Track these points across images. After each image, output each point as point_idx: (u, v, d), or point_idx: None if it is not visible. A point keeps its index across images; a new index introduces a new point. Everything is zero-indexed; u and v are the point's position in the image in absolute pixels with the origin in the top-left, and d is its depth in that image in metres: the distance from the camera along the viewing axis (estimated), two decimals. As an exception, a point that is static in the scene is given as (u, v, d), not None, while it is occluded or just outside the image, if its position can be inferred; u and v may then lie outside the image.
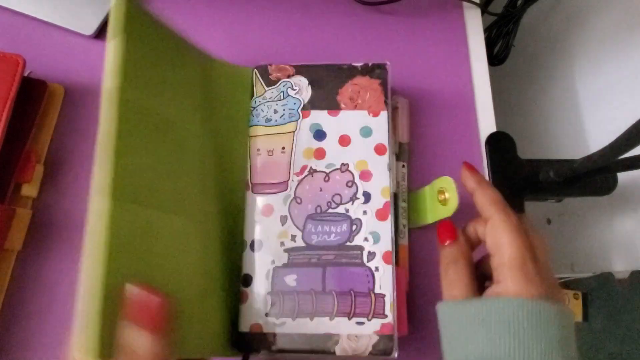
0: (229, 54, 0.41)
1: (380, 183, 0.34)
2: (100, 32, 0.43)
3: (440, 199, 0.34)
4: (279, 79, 0.37)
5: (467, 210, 0.41)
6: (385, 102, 0.37)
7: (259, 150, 0.36)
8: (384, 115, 0.36)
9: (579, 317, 1.16)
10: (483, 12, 0.51)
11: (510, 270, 0.25)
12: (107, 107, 0.25)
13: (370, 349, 0.31)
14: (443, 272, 0.30)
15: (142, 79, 0.28)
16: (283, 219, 0.34)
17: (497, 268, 0.26)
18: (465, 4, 0.50)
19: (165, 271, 0.26)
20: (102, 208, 0.23)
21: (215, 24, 0.46)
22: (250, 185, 0.35)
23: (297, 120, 0.36)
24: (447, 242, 0.30)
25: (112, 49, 0.26)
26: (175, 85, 0.32)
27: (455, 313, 0.27)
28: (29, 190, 0.36)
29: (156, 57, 0.30)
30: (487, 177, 0.43)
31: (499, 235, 0.27)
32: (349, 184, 0.35)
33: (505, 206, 0.28)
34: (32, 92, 0.38)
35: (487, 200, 0.29)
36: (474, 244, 0.31)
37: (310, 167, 0.35)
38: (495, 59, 0.64)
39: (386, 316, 0.32)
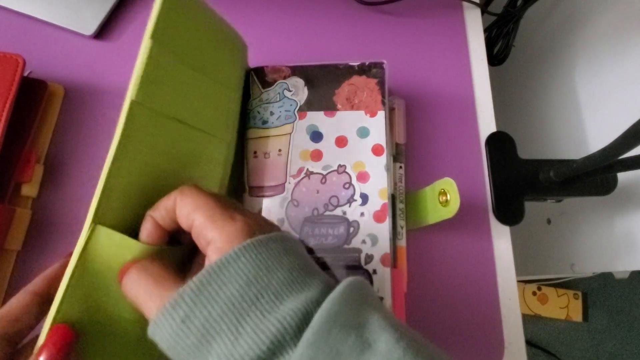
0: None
1: (378, 184, 0.34)
2: (100, 32, 0.44)
3: (442, 200, 0.34)
4: (275, 81, 0.37)
5: (466, 212, 0.41)
6: (383, 102, 0.36)
7: (255, 152, 0.35)
8: (381, 115, 0.36)
9: (579, 317, 1.16)
10: (483, 12, 0.51)
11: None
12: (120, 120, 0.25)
13: None
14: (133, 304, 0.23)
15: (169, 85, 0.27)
16: (280, 222, 0.34)
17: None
18: (465, 4, 0.50)
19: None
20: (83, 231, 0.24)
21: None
22: (247, 188, 0.35)
23: (293, 122, 0.36)
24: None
25: (143, 51, 0.26)
26: (208, 90, 0.30)
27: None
28: (29, 190, 0.36)
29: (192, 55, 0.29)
30: (487, 177, 0.43)
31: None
32: (346, 185, 0.34)
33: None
34: (32, 92, 0.38)
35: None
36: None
37: (307, 169, 0.35)
38: (495, 59, 0.64)
39: None
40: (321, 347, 0.19)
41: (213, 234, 0.22)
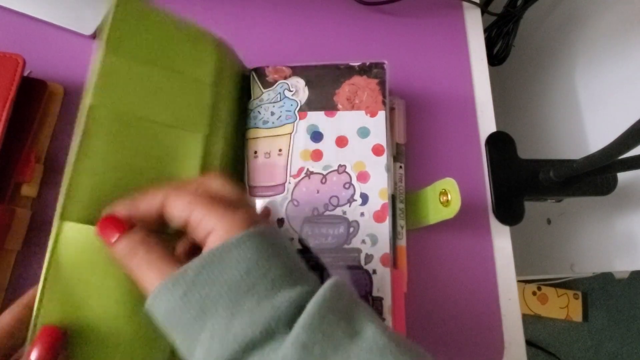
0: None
1: (378, 184, 0.34)
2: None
3: (442, 200, 0.34)
4: (275, 81, 0.37)
5: (466, 212, 0.41)
6: (384, 102, 0.36)
7: (256, 152, 0.36)
8: (381, 115, 0.36)
9: (579, 317, 1.16)
10: (483, 12, 0.51)
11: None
12: (79, 124, 0.26)
13: None
14: (127, 269, 0.24)
15: (129, 87, 0.28)
16: (280, 222, 0.34)
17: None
18: (465, 4, 0.50)
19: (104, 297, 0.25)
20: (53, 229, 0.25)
21: (214, 24, 0.46)
22: (247, 188, 0.35)
23: (294, 122, 0.36)
24: (116, 237, 0.24)
25: (98, 61, 0.27)
26: (178, 87, 0.31)
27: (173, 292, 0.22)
28: (29, 190, 0.36)
29: (154, 58, 0.30)
30: (487, 177, 0.43)
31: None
32: (347, 185, 0.34)
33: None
34: (32, 92, 0.38)
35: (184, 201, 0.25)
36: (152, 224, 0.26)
37: (307, 168, 0.35)
38: (495, 59, 0.64)
39: (383, 320, 0.32)
40: (315, 330, 0.20)
41: (215, 224, 0.23)
